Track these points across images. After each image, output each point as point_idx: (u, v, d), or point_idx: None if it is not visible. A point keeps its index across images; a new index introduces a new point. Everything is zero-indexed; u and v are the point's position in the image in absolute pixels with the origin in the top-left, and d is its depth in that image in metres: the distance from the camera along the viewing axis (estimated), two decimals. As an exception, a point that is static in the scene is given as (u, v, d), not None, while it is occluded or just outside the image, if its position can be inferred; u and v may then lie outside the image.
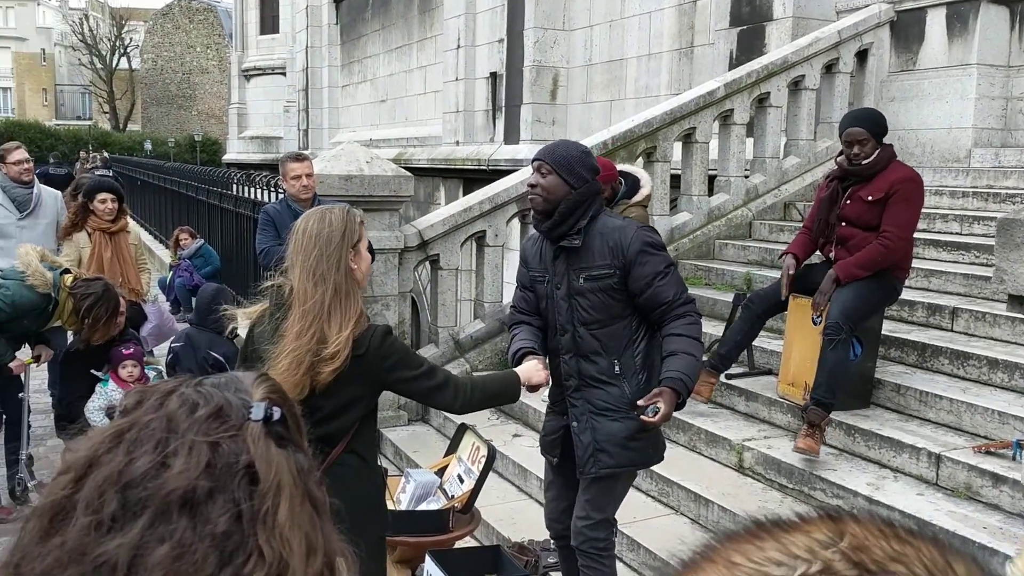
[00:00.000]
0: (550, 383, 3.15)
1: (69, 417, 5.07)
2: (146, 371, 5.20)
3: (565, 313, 3.09)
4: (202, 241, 10.35)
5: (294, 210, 5.22)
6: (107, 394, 5.02)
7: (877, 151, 4.34)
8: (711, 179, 7.36)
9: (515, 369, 2.94)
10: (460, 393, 2.71)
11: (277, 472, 0.73)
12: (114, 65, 56.89)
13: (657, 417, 2.78)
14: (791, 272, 4.55)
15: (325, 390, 2.47)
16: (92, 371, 5.07)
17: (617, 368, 3.04)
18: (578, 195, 3.00)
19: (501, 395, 2.90)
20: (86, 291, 4.65)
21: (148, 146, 41.02)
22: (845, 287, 4.34)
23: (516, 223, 6.79)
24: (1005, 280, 4.67)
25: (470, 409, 2.84)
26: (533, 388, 2.95)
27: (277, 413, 0.78)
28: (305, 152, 5.62)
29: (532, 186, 3.08)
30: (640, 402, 2.84)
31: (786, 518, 0.57)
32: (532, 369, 2.94)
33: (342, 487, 2.48)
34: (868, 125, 4.36)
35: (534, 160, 3.12)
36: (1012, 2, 6.99)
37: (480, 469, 3.59)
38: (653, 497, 4.47)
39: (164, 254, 12.95)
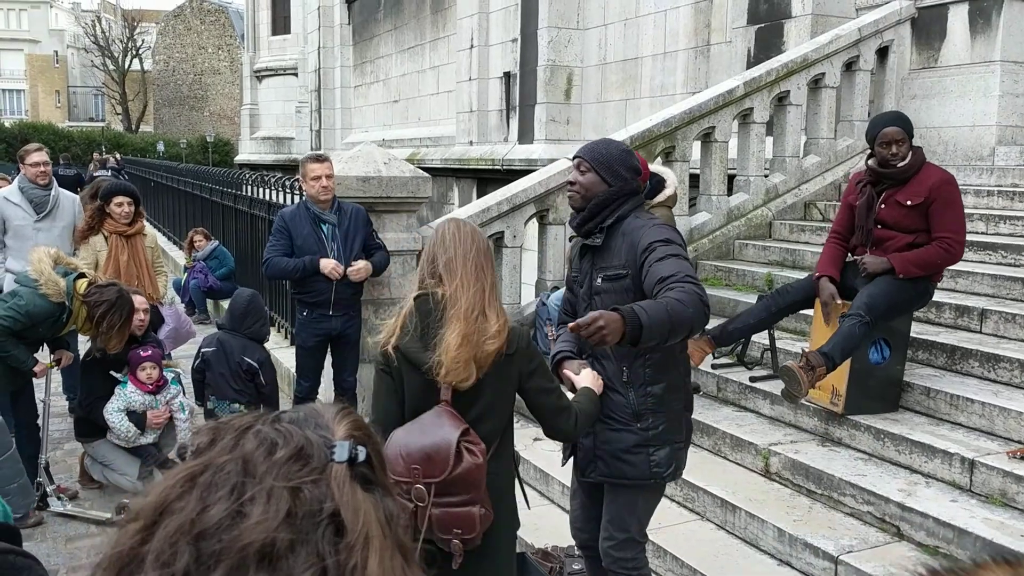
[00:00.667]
0: None
1: (89, 419, 5.05)
2: (164, 373, 5.17)
3: (584, 312, 3.02)
4: (217, 243, 10.34)
5: (312, 212, 5.19)
6: (126, 396, 5.01)
7: (911, 153, 4.28)
8: (730, 178, 7.29)
9: (585, 385, 2.86)
10: (577, 420, 2.71)
11: (365, 521, 0.67)
12: (126, 67, 57.17)
13: (582, 320, 2.40)
14: (837, 301, 4.46)
15: (479, 384, 2.52)
16: (111, 372, 5.05)
17: (625, 376, 2.94)
18: (609, 193, 2.93)
19: (593, 414, 2.86)
20: (99, 298, 4.62)
21: (161, 147, 41.17)
22: (875, 281, 4.29)
23: (534, 224, 6.73)
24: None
25: (578, 436, 2.84)
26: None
27: (362, 453, 0.71)
28: (326, 153, 5.58)
29: (571, 183, 3.02)
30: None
31: (961, 565, 0.52)
32: (594, 379, 2.90)
33: (492, 496, 2.53)
34: (902, 124, 4.31)
35: (574, 158, 3.07)
36: (1036, -2, 6.89)
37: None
38: (678, 503, 4.40)
39: (178, 255, 12.95)
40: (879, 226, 4.40)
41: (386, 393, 2.62)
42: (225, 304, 8.31)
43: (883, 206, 4.38)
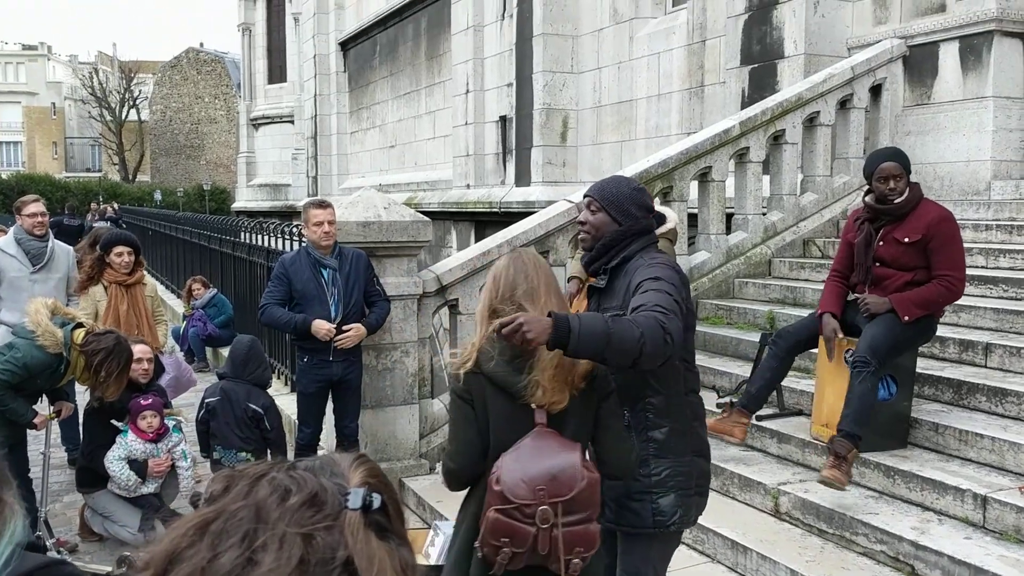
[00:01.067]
0: None
1: (91, 468, 5.00)
2: (165, 421, 5.13)
3: None
4: (215, 291, 10.32)
5: (313, 258, 5.18)
6: (127, 445, 4.96)
7: (908, 188, 4.30)
8: (728, 217, 7.31)
9: None
10: (638, 457, 2.72)
11: (380, 569, 0.65)
12: (123, 117, 57.61)
13: (504, 319, 2.38)
14: (839, 337, 4.46)
15: (568, 406, 2.53)
16: (112, 421, 5.01)
17: (626, 419, 2.86)
18: (617, 233, 2.88)
19: None
20: (97, 346, 4.58)
21: (158, 196, 41.37)
22: (876, 321, 4.27)
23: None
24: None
25: (632, 475, 2.81)
26: None
27: (377, 500, 0.69)
28: (328, 199, 5.60)
29: (582, 223, 2.99)
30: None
31: None
32: None
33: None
34: (899, 159, 4.33)
35: (584, 196, 3.03)
36: (1026, 34, 6.98)
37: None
38: (688, 545, 4.34)
39: (177, 304, 12.93)
40: (878, 264, 4.39)
41: (465, 421, 2.57)
42: (224, 352, 8.28)
43: (881, 243, 4.38)
